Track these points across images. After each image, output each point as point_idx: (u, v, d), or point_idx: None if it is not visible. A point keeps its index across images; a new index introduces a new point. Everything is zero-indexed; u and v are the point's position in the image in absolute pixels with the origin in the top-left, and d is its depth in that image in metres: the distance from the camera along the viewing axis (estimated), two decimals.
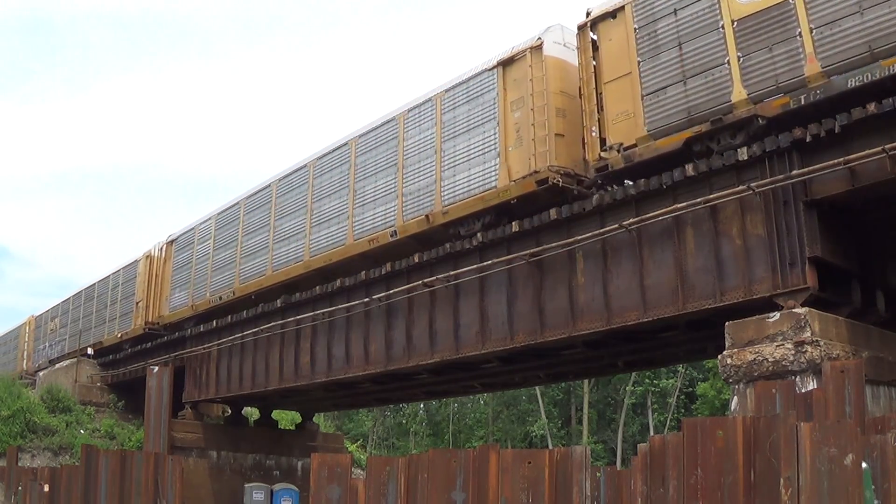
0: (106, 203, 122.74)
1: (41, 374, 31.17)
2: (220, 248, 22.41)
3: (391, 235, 16.53)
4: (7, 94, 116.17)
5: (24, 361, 35.84)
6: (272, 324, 19.97)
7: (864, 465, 6.77)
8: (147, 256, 26.15)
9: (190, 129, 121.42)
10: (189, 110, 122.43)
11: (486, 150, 14.91)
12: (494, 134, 14.81)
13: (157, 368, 22.89)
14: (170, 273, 24.69)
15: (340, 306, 17.88)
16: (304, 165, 19.58)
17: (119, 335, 27.24)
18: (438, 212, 15.60)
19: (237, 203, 22.11)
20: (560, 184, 13.70)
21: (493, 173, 14.64)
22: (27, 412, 24.82)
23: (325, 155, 18.98)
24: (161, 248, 25.53)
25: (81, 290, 31.50)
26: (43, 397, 26.79)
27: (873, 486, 6.93)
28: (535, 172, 13.92)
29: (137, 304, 26.11)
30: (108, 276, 29.14)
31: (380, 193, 17.00)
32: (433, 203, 15.69)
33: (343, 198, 17.92)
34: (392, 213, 16.58)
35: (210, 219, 23.29)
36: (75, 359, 29.49)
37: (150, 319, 25.02)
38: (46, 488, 17.78)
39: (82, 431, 25.84)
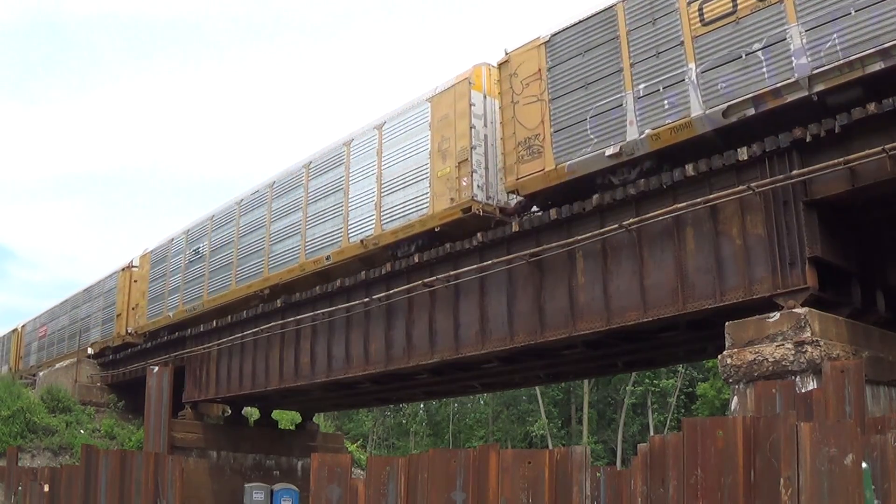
0: (109, 205, 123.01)
1: (41, 373, 31.15)
2: None
3: None
4: (12, 95, 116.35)
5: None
6: (272, 324, 19.94)
7: (864, 465, 6.76)
8: None
9: (192, 131, 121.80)
10: (191, 112, 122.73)
11: None
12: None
13: (157, 368, 22.87)
14: None
15: (340, 306, 17.86)
16: None
17: None
18: None
19: None
20: None
21: None
22: (27, 412, 24.81)
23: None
24: None
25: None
26: (43, 397, 26.78)
27: (873, 486, 6.91)
28: None
29: None
30: None
31: None
32: None
33: None
34: None
35: None
36: (75, 359, 29.50)
37: None
38: (46, 488, 17.78)
39: (82, 431, 25.83)
